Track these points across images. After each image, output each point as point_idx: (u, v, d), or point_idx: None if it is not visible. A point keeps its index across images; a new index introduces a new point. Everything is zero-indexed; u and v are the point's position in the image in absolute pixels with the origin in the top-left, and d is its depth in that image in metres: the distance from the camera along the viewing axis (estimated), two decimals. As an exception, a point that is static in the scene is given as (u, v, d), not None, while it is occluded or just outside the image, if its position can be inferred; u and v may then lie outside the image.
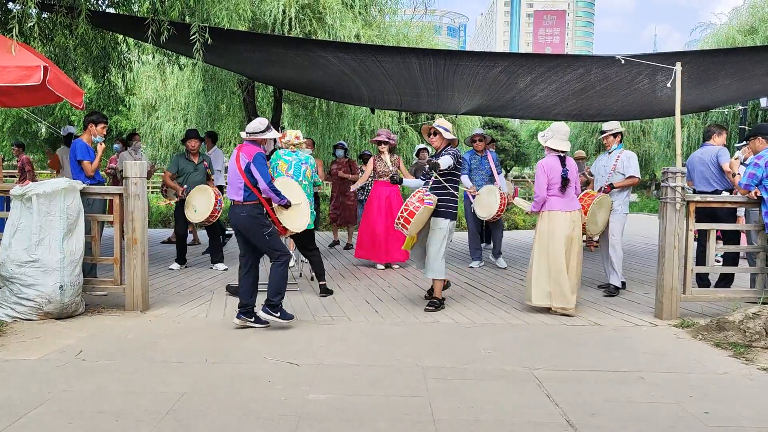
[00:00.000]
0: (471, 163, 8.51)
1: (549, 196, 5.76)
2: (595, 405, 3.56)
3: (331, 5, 10.64)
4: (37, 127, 20.12)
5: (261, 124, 5.21)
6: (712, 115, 17.79)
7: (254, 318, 5.14)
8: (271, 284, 5.11)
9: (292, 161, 6.48)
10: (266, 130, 5.20)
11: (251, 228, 5.06)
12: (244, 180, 5.02)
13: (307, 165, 6.57)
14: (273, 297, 5.09)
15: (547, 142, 5.83)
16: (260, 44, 7.67)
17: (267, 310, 5.08)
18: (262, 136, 5.19)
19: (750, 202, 5.78)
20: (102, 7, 7.66)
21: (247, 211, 5.05)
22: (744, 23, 16.83)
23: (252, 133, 5.18)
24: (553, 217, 5.72)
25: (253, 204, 5.08)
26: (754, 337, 4.70)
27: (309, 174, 6.58)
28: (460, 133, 21.92)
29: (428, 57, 6.98)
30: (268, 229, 5.10)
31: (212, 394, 3.66)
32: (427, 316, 5.66)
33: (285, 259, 5.14)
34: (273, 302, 5.09)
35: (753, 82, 7.45)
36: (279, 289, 5.10)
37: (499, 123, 39.94)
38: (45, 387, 3.73)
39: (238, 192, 5.06)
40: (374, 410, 3.43)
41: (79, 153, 6.36)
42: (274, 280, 5.11)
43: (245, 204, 5.05)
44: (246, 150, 5.08)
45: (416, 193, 5.76)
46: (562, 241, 5.67)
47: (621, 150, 6.75)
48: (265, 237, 5.07)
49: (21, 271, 5.21)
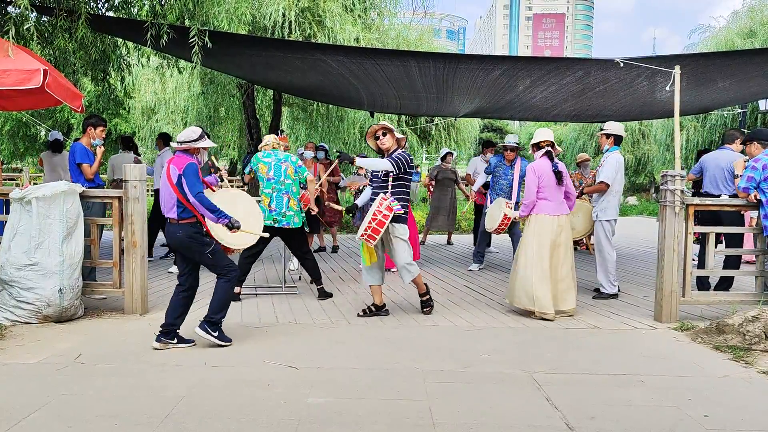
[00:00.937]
0: (496, 168, 8.33)
1: (539, 200, 5.75)
2: (595, 408, 3.55)
3: (330, 8, 10.65)
4: (36, 131, 20.11)
5: (194, 132, 4.68)
6: (712, 118, 17.81)
7: (177, 339, 4.71)
8: (214, 300, 4.68)
9: (271, 162, 6.29)
10: (199, 139, 4.66)
11: (190, 248, 4.62)
12: (177, 196, 4.53)
13: (287, 162, 6.30)
14: (214, 314, 4.67)
15: (530, 143, 5.93)
16: (260, 48, 7.68)
17: (205, 327, 4.64)
18: (194, 145, 4.66)
19: (749, 206, 5.79)
20: (101, 11, 7.67)
21: (183, 230, 4.57)
22: (743, 26, 16.85)
23: (183, 142, 4.64)
24: (540, 221, 5.72)
25: (189, 222, 4.59)
26: (753, 340, 4.70)
27: (291, 172, 6.31)
28: (460, 135, 21.93)
29: (428, 60, 7.00)
30: (209, 248, 4.65)
31: (211, 397, 3.65)
32: (427, 320, 5.66)
33: (233, 275, 4.73)
34: (213, 320, 4.66)
35: (752, 84, 7.47)
36: (222, 306, 4.70)
37: (498, 126, 39.98)
38: (44, 390, 3.73)
39: (172, 209, 4.58)
40: (374, 414, 3.43)
41: (78, 156, 6.35)
42: (219, 297, 4.69)
43: (181, 222, 4.57)
44: (177, 162, 4.56)
45: (382, 202, 5.43)
46: (548, 245, 5.66)
47: (611, 153, 6.56)
48: (208, 255, 4.63)
49: (20, 275, 5.20)
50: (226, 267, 4.72)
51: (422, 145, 21.33)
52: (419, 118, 18.60)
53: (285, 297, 6.55)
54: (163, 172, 4.66)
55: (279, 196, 6.20)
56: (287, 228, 6.25)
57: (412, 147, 19.84)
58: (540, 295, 5.61)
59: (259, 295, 6.65)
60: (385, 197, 5.49)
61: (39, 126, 17.14)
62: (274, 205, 6.19)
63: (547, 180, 5.71)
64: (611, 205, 6.49)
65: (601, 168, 6.51)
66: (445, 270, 8.52)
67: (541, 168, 5.74)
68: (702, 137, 18.44)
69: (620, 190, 6.64)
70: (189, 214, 4.57)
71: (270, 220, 6.16)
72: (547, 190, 5.72)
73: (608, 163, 6.48)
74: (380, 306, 5.82)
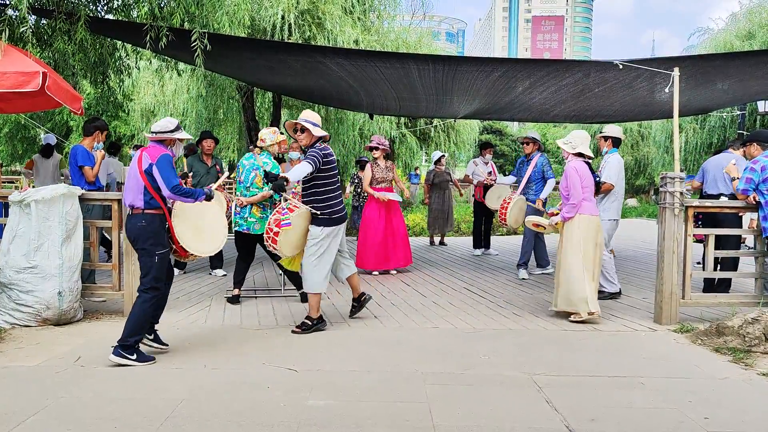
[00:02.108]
0: (520, 167, 8.35)
1: (583, 200, 5.66)
2: (595, 410, 3.55)
3: (330, 11, 10.66)
4: (35, 133, 20.12)
5: (170, 123, 4.52)
6: (711, 119, 17.84)
7: (154, 336, 4.58)
8: (130, 320, 4.31)
9: (246, 166, 6.24)
10: (175, 130, 4.50)
11: (143, 240, 4.36)
12: (144, 183, 4.33)
13: (257, 171, 6.17)
14: (129, 336, 4.27)
15: (578, 148, 5.71)
16: (259, 50, 7.68)
17: (119, 352, 4.25)
18: (169, 136, 4.48)
19: (748, 207, 5.79)
20: (101, 14, 7.67)
21: (147, 221, 4.36)
22: (742, 29, 16.89)
23: (158, 132, 4.47)
24: (587, 222, 5.63)
25: (155, 213, 4.38)
26: (753, 342, 4.70)
27: (259, 181, 6.19)
28: (459, 137, 21.93)
29: (427, 63, 7.00)
30: (162, 250, 4.41)
31: (211, 400, 3.65)
32: (427, 322, 5.65)
33: (156, 294, 4.40)
34: (128, 343, 4.27)
35: (751, 84, 7.48)
36: (138, 328, 4.32)
37: (498, 128, 40.02)
38: (43, 393, 3.72)
39: (138, 198, 4.37)
40: (374, 416, 3.42)
41: (80, 159, 6.34)
42: (136, 317, 4.31)
43: (146, 212, 4.36)
44: (150, 151, 4.40)
45: (274, 214, 5.16)
46: (595, 246, 5.60)
47: (611, 155, 6.60)
48: (153, 257, 4.35)
49: (19, 277, 5.20)
50: (157, 281, 4.40)
51: (422, 147, 21.32)
52: (418, 120, 18.60)
53: (284, 300, 6.54)
54: (133, 160, 4.51)
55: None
56: (247, 233, 6.27)
57: (411, 149, 19.83)
58: (594, 297, 5.57)
59: (259, 297, 6.65)
60: (279, 210, 5.16)
61: (38, 128, 17.15)
62: (238, 209, 6.22)
63: (588, 180, 5.67)
64: (613, 206, 6.51)
65: (603, 169, 6.52)
66: (444, 272, 8.51)
67: (585, 171, 5.68)
68: (701, 139, 18.47)
69: (622, 191, 6.65)
70: (156, 204, 4.38)
71: (234, 222, 6.24)
72: (588, 191, 5.68)
73: (610, 165, 6.51)
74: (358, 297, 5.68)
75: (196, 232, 4.70)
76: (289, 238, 5.11)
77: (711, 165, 7.21)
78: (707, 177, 7.20)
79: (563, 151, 5.84)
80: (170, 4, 6.60)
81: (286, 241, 5.10)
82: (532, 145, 8.19)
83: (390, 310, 6.08)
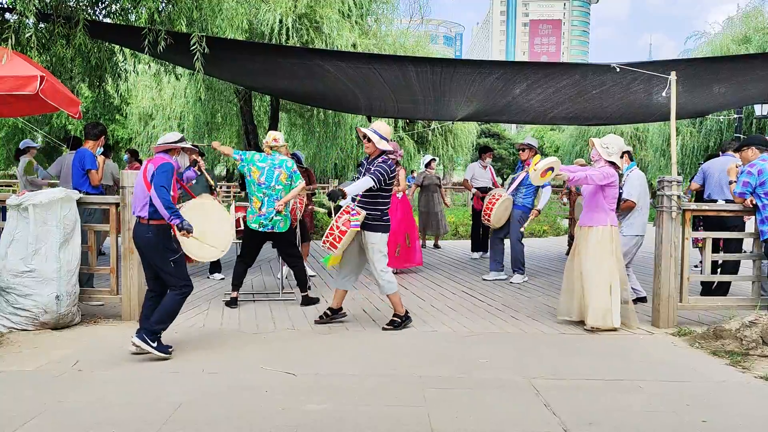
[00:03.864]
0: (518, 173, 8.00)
1: (610, 211, 5.52)
2: (593, 414, 3.56)
3: (328, 15, 10.69)
4: (33, 137, 20.09)
5: (174, 135, 4.75)
6: (708, 123, 17.89)
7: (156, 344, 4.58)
8: (160, 309, 4.53)
9: (265, 167, 6.23)
10: (179, 141, 4.71)
11: (155, 250, 4.51)
12: (149, 194, 4.47)
13: (282, 169, 6.24)
14: (156, 324, 4.49)
15: (612, 156, 5.52)
16: (257, 53, 7.69)
17: (143, 336, 4.45)
18: (173, 146, 4.68)
19: (745, 211, 5.80)
20: (99, 18, 7.67)
21: (153, 231, 4.49)
22: (738, 33, 16.97)
23: (163, 143, 4.68)
24: (616, 233, 5.55)
25: (159, 223, 4.50)
26: (750, 346, 4.71)
27: (283, 178, 6.26)
28: (457, 141, 21.97)
29: (425, 65, 7.02)
30: (174, 255, 4.55)
31: (209, 404, 3.64)
32: (425, 325, 5.65)
33: (186, 291, 4.60)
34: (154, 329, 4.48)
35: (748, 86, 7.51)
36: (168, 317, 4.55)
37: (496, 131, 40.10)
38: (41, 398, 3.71)
39: (144, 208, 4.51)
40: (372, 420, 3.42)
41: (88, 162, 6.46)
42: (166, 308, 4.53)
43: (151, 223, 4.49)
44: (155, 161, 4.58)
45: (342, 214, 5.26)
46: (613, 255, 5.47)
47: (630, 170, 6.38)
48: (170, 263, 4.51)
49: (17, 281, 5.19)
50: (184, 281, 4.59)
51: (419, 151, 21.36)
52: (416, 123, 18.62)
53: (282, 303, 6.54)
54: (138, 173, 4.71)
55: (270, 202, 6.18)
56: (272, 232, 6.26)
57: (409, 152, 19.86)
58: (617, 310, 5.45)
59: (257, 301, 6.64)
60: (347, 209, 5.27)
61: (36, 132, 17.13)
62: (264, 209, 6.18)
63: (614, 191, 5.53)
64: (637, 221, 6.32)
65: (624, 185, 6.31)
66: (443, 275, 8.52)
67: (615, 178, 5.52)
68: (698, 142, 18.52)
69: (647, 207, 6.46)
70: (160, 215, 4.45)
71: (256, 224, 6.16)
72: (612, 201, 5.52)
73: (631, 181, 6.33)
74: (336, 310, 5.70)
75: (200, 236, 4.80)
76: (348, 240, 5.24)
77: (715, 169, 7.05)
78: (710, 181, 7.04)
79: (594, 151, 5.60)
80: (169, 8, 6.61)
81: (346, 242, 5.23)
82: (528, 152, 8.17)
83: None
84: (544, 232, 14.87)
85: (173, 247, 4.59)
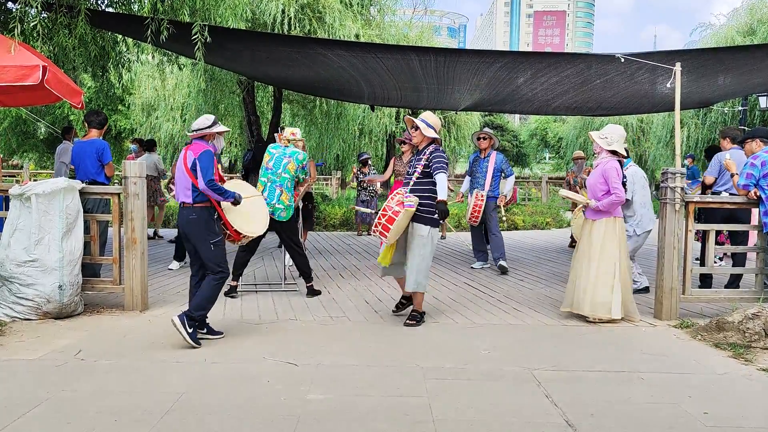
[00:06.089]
0: (473, 164, 8.34)
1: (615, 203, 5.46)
2: (595, 405, 3.56)
3: (330, 4, 10.64)
4: (35, 127, 20.10)
5: (207, 119, 4.82)
6: (712, 115, 17.81)
7: (207, 329, 4.81)
8: (199, 295, 4.69)
9: (275, 154, 6.30)
10: (213, 125, 4.79)
11: (198, 233, 4.68)
12: (191, 180, 4.64)
13: (291, 159, 6.28)
14: (195, 310, 4.61)
15: (613, 145, 5.44)
16: (260, 43, 7.67)
17: (184, 319, 4.53)
18: (209, 131, 4.77)
19: (749, 203, 5.78)
20: (101, 7, 7.65)
21: (197, 213, 4.68)
22: (743, 24, 16.87)
23: (197, 129, 4.76)
24: (621, 225, 5.51)
25: (203, 206, 4.69)
26: (753, 338, 4.70)
27: (291, 168, 6.30)
28: (460, 132, 21.90)
29: (429, 54, 6.99)
30: (215, 238, 4.73)
31: (211, 394, 3.65)
32: (427, 317, 5.64)
33: (222, 276, 4.76)
34: (192, 315, 4.58)
35: (753, 76, 7.46)
36: (206, 303, 4.67)
37: (499, 123, 40.00)
38: (43, 387, 3.72)
39: (187, 193, 4.68)
40: (374, 411, 3.43)
41: (106, 155, 6.59)
42: (204, 293, 4.68)
43: (195, 206, 4.68)
44: (194, 148, 4.72)
45: (395, 196, 5.17)
46: (618, 247, 5.43)
47: (626, 168, 6.21)
48: (210, 246, 4.69)
49: (20, 271, 5.20)
50: (221, 265, 4.75)
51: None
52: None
53: (285, 294, 6.55)
54: (179, 160, 4.83)
55: (272, 188, 6.19)
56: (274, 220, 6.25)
57: (412, 144, 19.81)
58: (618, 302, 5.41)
59: (259, 291, 6.65)
60: (400, 191, 5.22)
61: (38, 122, 17.13)
62: (266, 194, 6.18)
63: None
64: (645, 218, 6.35)
65: None
66: (445, 267, 8.52)
67: (620, 170, 5.45)
68: (702, 134, 18.45)
69: (648, 202, 6.45)
70: (204, 198, 4.67)
71: None
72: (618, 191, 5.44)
73: (633, 177, 6.31)
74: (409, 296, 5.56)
75: (244, 217, 5.02)
76: (401, 224, 5.06)
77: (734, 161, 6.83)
78: (723, 174, 6.79)
79: (595, 144, 5.55)
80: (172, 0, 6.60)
81: (398, 226, 5.05)
82: (489, 141, 8.21)
83: (390, 304, 6.08)
84: (547, 224, 14.86)
85: (215, 230, 4.76)
